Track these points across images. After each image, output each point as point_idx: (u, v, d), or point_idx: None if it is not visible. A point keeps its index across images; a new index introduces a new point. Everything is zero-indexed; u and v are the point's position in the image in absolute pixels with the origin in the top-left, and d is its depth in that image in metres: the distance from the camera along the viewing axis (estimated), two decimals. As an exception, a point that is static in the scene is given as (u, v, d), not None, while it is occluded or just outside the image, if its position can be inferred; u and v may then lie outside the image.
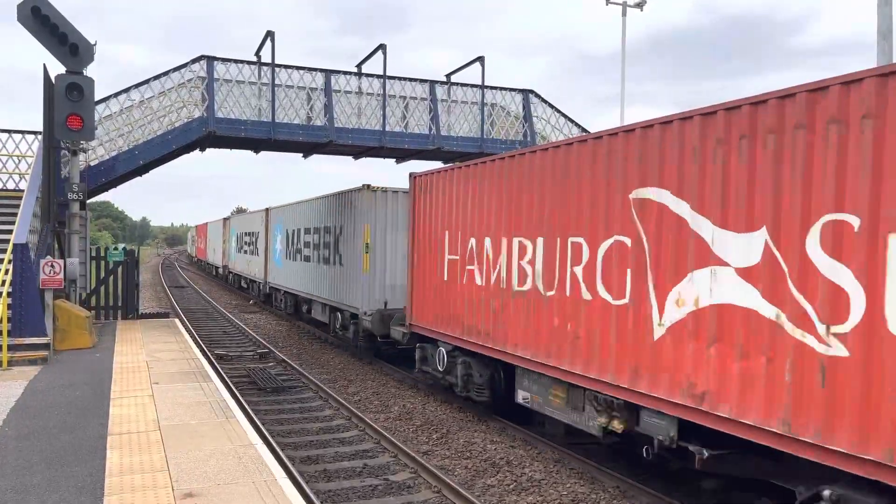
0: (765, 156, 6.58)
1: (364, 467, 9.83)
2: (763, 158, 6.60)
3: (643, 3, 25.65)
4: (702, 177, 7.25)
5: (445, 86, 21.32)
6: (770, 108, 6.55)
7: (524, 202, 10.35)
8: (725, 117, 7.00)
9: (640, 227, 8.08)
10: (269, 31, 19.04)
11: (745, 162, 6.78)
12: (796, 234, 6.27)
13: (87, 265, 18.28)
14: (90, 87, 15.66)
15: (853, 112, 5.85)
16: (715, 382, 7.01)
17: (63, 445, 7.55)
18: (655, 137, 7.86)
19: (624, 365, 8.20)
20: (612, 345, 8.41)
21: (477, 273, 11.71)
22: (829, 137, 6.01)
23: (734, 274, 6.88)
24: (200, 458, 7.19)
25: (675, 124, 7.61)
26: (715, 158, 7.10)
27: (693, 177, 7.35)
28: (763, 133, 6.61)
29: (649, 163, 7.94)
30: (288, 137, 19.42)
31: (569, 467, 9.84)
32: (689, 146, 7.42)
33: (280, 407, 13.34)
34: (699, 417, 7.21)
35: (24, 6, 14.89)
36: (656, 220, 7.84)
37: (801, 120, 6.25)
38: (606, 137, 8.63)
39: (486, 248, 11.45)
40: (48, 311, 13.53)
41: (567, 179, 9.37)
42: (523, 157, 10.41)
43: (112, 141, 18.12)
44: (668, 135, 7.70)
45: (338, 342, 20.59)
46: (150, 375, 11.32)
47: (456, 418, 12.51)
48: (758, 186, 6.64)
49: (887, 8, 12.78)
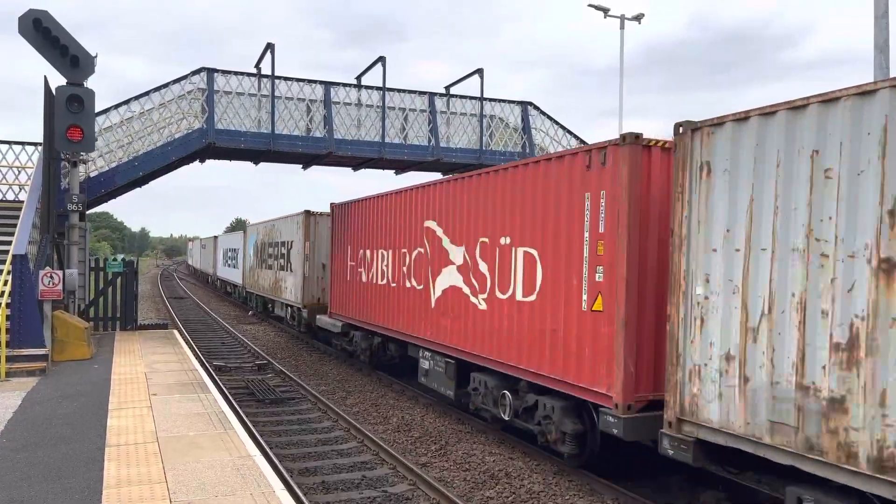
0: (464, 204, 12.27)
1: (363, 479, 9.79)
2: (463, 205, 12.30)
3: (641, 17, 25.78)
4: (446, 215, 13.00)
5: (445, 97, 21.42)
6: (459, 182, 12.60)
7: (382, 227, 16.21)
8: (454, 184, 12.74)
9: (426, 242, 13.78)
10: (270, 44, 19.14)
11: (457, 208, 12.54)
12: (473, 248, 11.94)
13: (87, 276, 18.28)
14: (90, 98, 15.73)
15: (483, 182, 11.68)
16: (452, 331, 12.62)
17: (60, 457, 7.52)
18: (430, 191, 13.70)
19: (421, 326, 13.93)
20: (418, 314, 14.10)
21: (363, 274, 17.44)
22: (479, 197, 11.75)
23: (455, 269, 12.54)
24: (198, 469, 7.17)
25: (436, 186, 13.48)
26: (448, 207, 12.88)
27: (443, 215, 13.11)
28: (459, 193, 12.45)
29: (428, 206, 13.73)
30: (287, 149, 19.48)
31: (568, 479, 9.80)
32: (440, 199, 13.26)
33: (278, 418, 13.31)
34: (455, 353, 12.53)
35: (26, 18, 14.97)
36: (431, 239, 13.57)
37: (468, 187, 12.17)
38: (412, 192, 14.54)
39: (367, 256, 17.11)
40: (47, 322, 13.51)
41: (400, 214, 15.19)
42: (383, 199, 16.17)
43: (112, 152, 18.17)
44: (433, 190, 13.53)
45: (336, 354, 20.57)
46: (148, 387, 11.30)
47: (455, 430, 12.47)
48: (463, 220, 12.31)
49: (884, 20, 12.86)
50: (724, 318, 6.96)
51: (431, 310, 13.45)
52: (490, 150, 21.59)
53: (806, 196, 6.20)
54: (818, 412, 6.01)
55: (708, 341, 7.15)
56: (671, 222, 7.67)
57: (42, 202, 15.49)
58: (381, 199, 16.23)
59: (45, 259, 14.73)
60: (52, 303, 13.85)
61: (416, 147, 20.85)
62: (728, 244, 6.96)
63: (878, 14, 12.91)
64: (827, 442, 5.94)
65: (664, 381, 7.74)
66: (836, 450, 5.87)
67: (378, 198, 16.41)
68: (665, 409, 7.65)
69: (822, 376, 6.00)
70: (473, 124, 21.55)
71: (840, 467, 5.83)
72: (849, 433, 5.77)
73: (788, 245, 6.34)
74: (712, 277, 7.12)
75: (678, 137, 7.58)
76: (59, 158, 16.82)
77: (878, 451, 5.56)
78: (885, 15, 12.86)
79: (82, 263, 17.45)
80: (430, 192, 13.67)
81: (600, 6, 25.12)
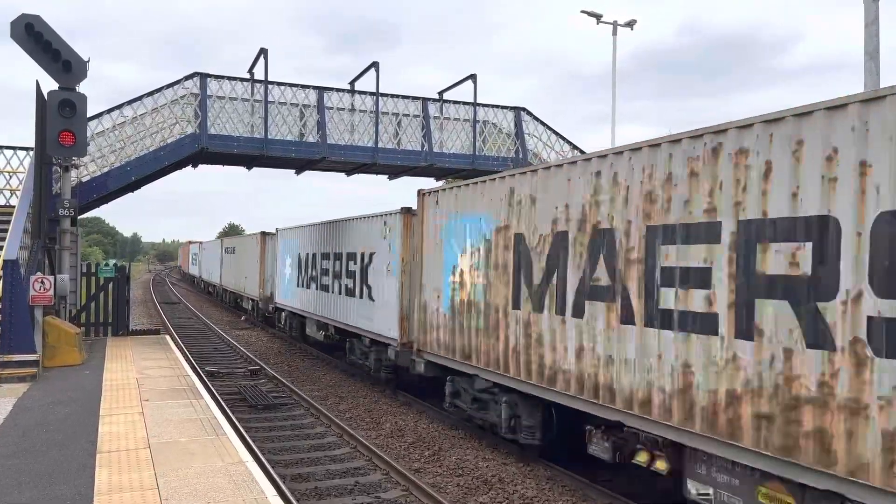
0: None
1: (356, 485, 9.77)
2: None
3: (633, 23, 25.91)
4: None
5: (438, 103, 21.44)
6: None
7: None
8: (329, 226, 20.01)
9: None
10: (263, 49, 19.12)
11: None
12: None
13: (78, 281, 18.19)
14: (83, 103, 15.66)
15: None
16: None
17: (52, 463, 7.47)
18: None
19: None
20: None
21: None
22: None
23: None
24: (190, 475, 7.13)
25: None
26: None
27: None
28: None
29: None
30: (281, 154, 19.44)
31: (561, 485, 9.80)
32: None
33: (271, 424, 13.27)
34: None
35: (18, 23, 14.92)
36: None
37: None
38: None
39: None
40: (38, 328, 13.43)
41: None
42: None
43: (104, 157, 18.09)
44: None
45: (330, 360, 20.53)
46: (140, 393, 11.24)
47: (448, 436, 12.46)
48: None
49: (874, 27, 12.95)
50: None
51: None
52: (483, 155, 21.62)
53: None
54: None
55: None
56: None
57: (33, 207, 15.41)
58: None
59: (37, 264, 14.65)
60: (43, 308, 13.76)
61: (410, 152, 20.86)
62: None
63: (868, 21, 13.00)
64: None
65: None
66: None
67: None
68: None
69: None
70: (467, 130, 21.57)
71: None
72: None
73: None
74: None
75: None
76: (51, 163, 16.74)
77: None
78: (874, 21, 12.96)
79: (74, 268, 17.36)
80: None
81: (593, 12, 25.24)
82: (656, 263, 7.62)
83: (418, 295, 13.45)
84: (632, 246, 7.96)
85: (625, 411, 7.96)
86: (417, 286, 13.51)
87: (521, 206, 10.19)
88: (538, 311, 9.63)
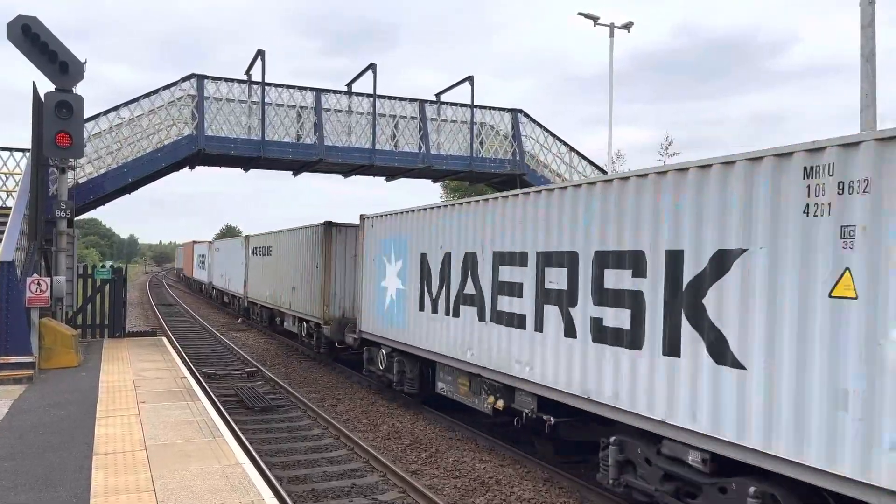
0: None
1: (353, 487, 9.76)
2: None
3: (630, 25, 25.94)
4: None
5: (435, 105, 21.46)
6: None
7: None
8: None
9: None
10: (260, 50, 19.13)
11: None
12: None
13: (74, 283, 18.15)
14: (79, 104, 15.66)
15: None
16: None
17: (48, 466, 7.46)
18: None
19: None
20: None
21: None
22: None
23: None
24: (187, 477, 7.12)
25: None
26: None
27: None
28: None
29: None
30: (278, 155, 19.44)
31: (558, 486, 9.81)
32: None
33: (268, 426, 13.25)
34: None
35: (15, 24, 14.91)
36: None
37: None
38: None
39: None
40: (34, 330, 13.41)
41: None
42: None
43: (101, 158, 18.08)
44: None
45: (322, 359, 20.53)
46: (136, 394, 11.23)
47: (445, 437, 12.46)
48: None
49: (870, 30, 12.99)
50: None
51: None
52: (480, 157, 21.64)
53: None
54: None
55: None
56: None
57: (30, 208, 15.40)
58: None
59: (33, 266, 14.64)
60: (39, 310, 13.75)
61: (407, 154, 20.87)
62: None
63: (864, 23, 13.04)
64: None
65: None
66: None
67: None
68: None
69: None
70: (464, 132, 21.60)
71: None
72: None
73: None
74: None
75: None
76: (48, 164, 16.72)
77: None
78: (870, 24, 12.99)
79: (70, 270, 17.33)
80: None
81: (590, 14, 25.27)
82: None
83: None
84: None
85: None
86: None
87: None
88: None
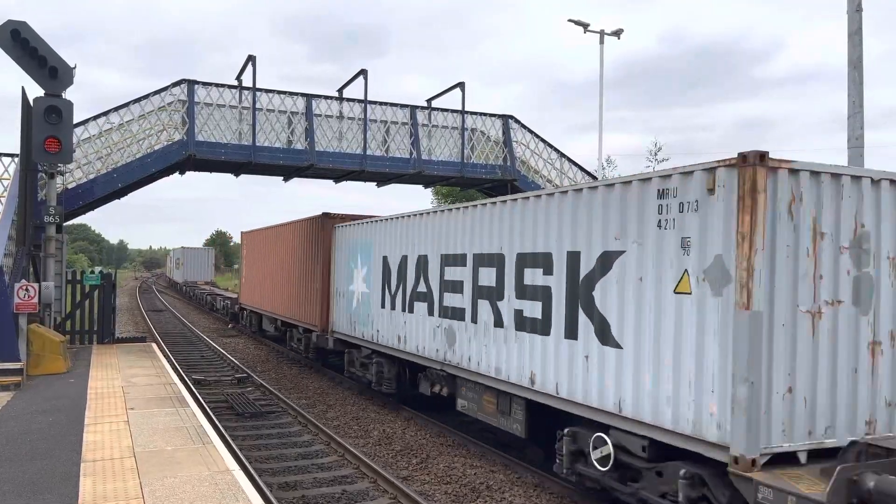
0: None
1: (343, 493, 9.73)
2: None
3: (620, 32, 26.08)
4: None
5: (426, 111, 21.48)
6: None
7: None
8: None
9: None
10: (251, 56, 19.10)
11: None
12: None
13: (63, 289, 18.03)
14: (69, 109, 15.58)
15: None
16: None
17: (35, 473, 7.40)
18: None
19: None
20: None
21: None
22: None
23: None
24: (176, 484, 7.08)
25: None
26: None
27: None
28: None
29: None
30: (268, 161, 19.40)
31: (549, 492, 9.80)
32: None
33: (258, 432, 13.19)
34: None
35: (4, 29, 14.84)
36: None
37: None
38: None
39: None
40: (22, 336, 13.31)
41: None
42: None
43: (90, 164, 17.99)
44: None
45: (318, 367, 20.46)
46: (125, 401, 11.16)
47: (436, 443, 12.44)
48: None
49: (857, 37, 13.11)
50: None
51: None
52: (471, 162, 21.67)
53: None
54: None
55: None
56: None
57: (18, 214, 15.30)
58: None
59: (21, 271, 14.53)
60: (27, 316, 13.65)
61: (398, 160, 20.87)
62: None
63: (852, 31, 13.16)
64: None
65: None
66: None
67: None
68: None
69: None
70: (455, 137, 21.62)
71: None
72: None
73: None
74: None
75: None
76: (37, 170, 16.62)
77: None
78: (858, 31, 13.11)
79: (59, 276, 17.21)
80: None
81: (580, 21, 25.40)
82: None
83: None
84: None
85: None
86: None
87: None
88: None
